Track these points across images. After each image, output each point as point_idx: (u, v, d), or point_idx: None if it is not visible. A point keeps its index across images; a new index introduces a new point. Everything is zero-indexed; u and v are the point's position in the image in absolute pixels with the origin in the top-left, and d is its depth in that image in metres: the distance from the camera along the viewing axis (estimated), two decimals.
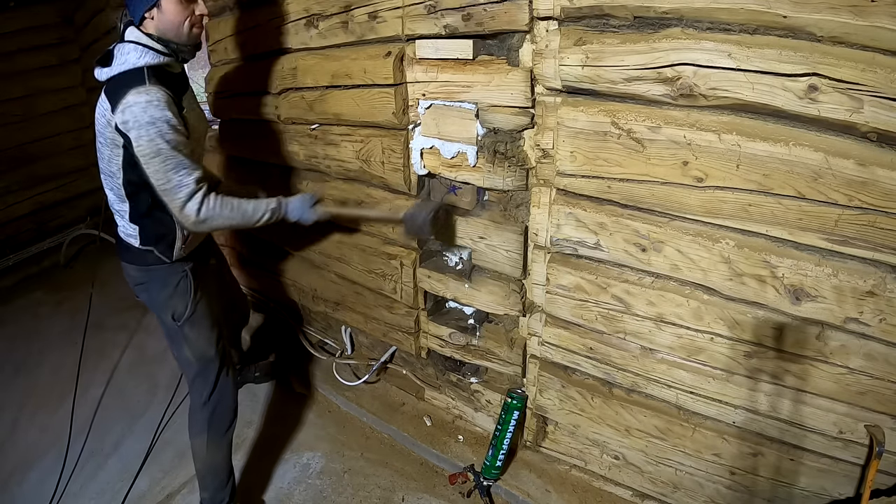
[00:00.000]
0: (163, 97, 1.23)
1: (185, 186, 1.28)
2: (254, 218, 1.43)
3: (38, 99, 4.05)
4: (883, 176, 0.95)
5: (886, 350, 1.06)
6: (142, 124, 1.21)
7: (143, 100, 1.21)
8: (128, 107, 1.21)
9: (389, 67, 1.52)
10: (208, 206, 1.33)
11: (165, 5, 1.27)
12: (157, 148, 1.23)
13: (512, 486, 1.68)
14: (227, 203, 1.37)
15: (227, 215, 1.37)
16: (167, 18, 1.29)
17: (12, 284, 3.63)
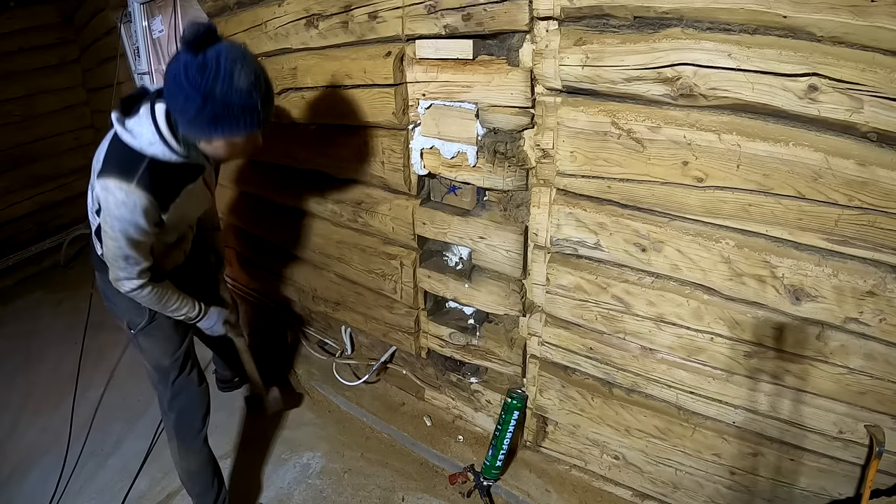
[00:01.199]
0: (142, 204, 1.14)
1: (125, 272, 1.26)
2: (172, 315, 1.43)
3: (38, 99, 4.06)
4: (883, 176, 0.95)
5: (886, 350, 1.06)
6: (110, 213, 1.15)
7: (120, 197, 1.13)
8: (107, 190, 1.14)
9: (389, 67, 1.52)
10: (139, 293, 1.30)
11: (217, 144, 1.15)
12: (115, 236, 1.18)
13: (512, 486, 1.68)
14: (159, 297, 1.34)
15: (152, 304, 1.36)
16: (213, 148, 1.17)
17: (12, 284, 3.63)
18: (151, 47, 3.43)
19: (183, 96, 1.04)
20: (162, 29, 3.22)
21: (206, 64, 1.02)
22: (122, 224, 1.16)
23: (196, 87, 1.02)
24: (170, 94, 1.08)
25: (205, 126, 1.09)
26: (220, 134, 1.11)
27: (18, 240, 4.01)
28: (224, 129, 1.09)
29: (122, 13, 3.37)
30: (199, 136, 1.12)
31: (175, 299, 1.40)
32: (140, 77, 3.50)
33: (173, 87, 1.06)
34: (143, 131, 1.14)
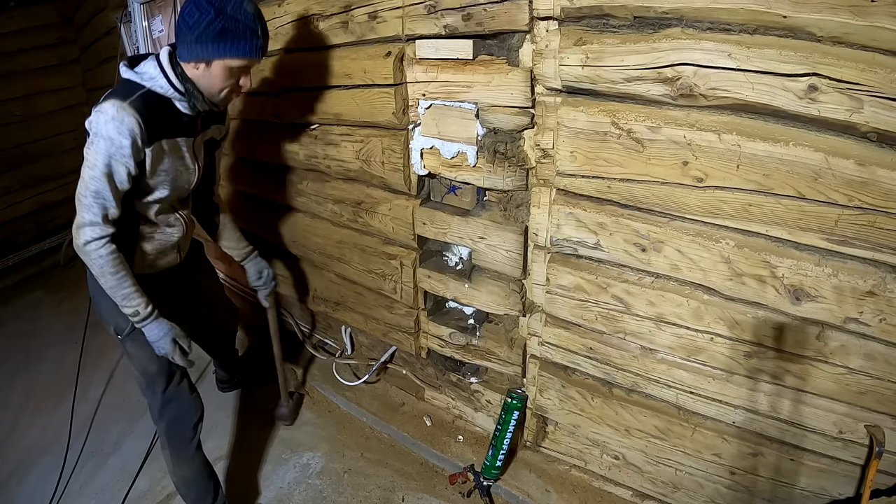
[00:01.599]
0: (129, 123, 1.20)
1: (90, 212, 1.23)
2: (119, 301, 1.33)
3: (38, 99, 4.06)
4: (883, 176, 0.95)
5: (886, 350, 1.06)
6: (98, 132, 1.19)
7: (111, 113, 1.18)
8: (100, 111, 1.19)
9: (389, 67, 1.52)
10: (96, 250, 1.25)
11: (215, 68, 1.25)
12: (94, 161, 1.20)
13: (512, 486, 1.68)
14: (113, 264, 1.28)
15: (103, 270, 1.28)
16: (210, 77, 1.27)
17: (12, 284, 3.64)
18: (151, 47, 3.43)
19: (198, 12, 1.19)
20: (162, 29, 3.22)
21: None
22: (106, 145, 1.19)
23: (211, 3, 1.19)
24: (182, 21, 1.21)
25: (211, 40, 1.20)
26: (223, 51, 1.22)
27: (18, 240, 4.01)
28: (227, 45, 1.22)
29: (122, 13, 3.36)
30: (202, 54, 1.22)
31: (129, 284, 1.32)
32: None
33: (188, 10, 1.20)
34: (146, 68, 1.25)
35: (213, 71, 1.26)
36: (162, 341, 1.39)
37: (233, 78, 1.29)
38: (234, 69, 1.27)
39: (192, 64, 1.26)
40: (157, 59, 1.27)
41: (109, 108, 1.19)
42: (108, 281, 1.30)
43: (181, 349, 1.43)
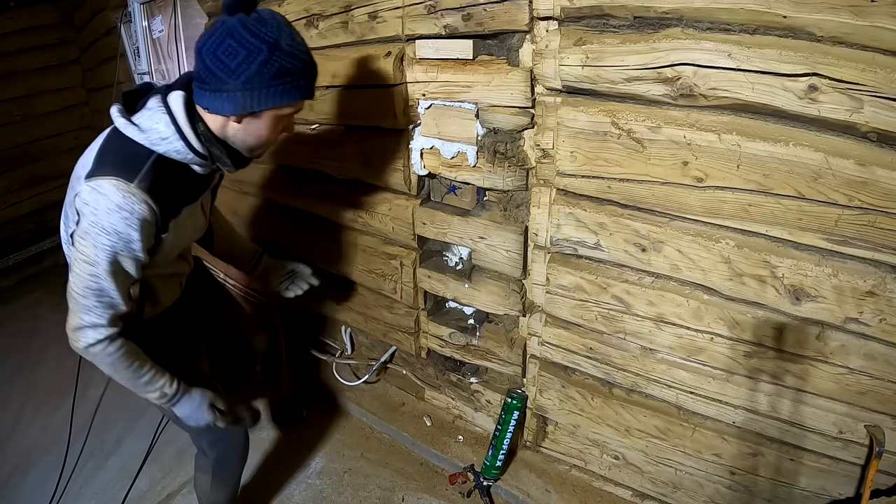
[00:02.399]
0: (140, 212, 0.97)
1: (92, 315, 1.05)
2: (141, 391, 1.15)
3: (38, 99, 4.06)
4: (883, 176, 0.95)
5: (886, 350, 1.06)
6: (97, 222, 0.96)
7: (115, 199, 0.95)
8: (98, 191, 0.95)
9: (389, 67, 1.52)
10: (101, 352, 1.06)
11: (265, 119, 1.00)
12: (94, 257, 0.98)
13: (512, 486, 1.68)
14: (125, 358, 1.09)
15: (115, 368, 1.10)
16: (254, 130, 1.02)
17: (12, 284, 3.64)
18: (151, 47, 3.43)
19: (244, 51, 0.91)
20: (162, 29, 3.22)
21: (264, 19, 0.94)
22: (110, 239, 0.96)
23: (261, 38, 0.91)
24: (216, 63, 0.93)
25: (266, 85, 0.95)
26: (282, 97, 0.98)
27: (18, 240, 4.01)
28: (287, 89, 0.97)
29: (122, 13, 3.37)
30: (251, 104, 0.96)
31: (146, 369, 1.12)
32: (140, 77, 3.50)
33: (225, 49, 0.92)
34: (155, 124, 0.98)
35: (261, 123, 1.01)
36: (197, 414, 1.21)
37: (277, 128, 1.05)
38: (287, 115, 1.04)
39: (230, 118, 0.99)
40: (168, 110, 0.99)
41: (112, 192, 0.94)
42: (122, 376, 1.12)
43: (220, 412, 1.25)
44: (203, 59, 0.95)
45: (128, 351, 1.09)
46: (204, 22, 2.37)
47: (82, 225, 0.98)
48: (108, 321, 1.05)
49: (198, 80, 0.98)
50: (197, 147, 1.01)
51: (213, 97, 0.97)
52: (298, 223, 2.18)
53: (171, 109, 0.99)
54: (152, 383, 1.14)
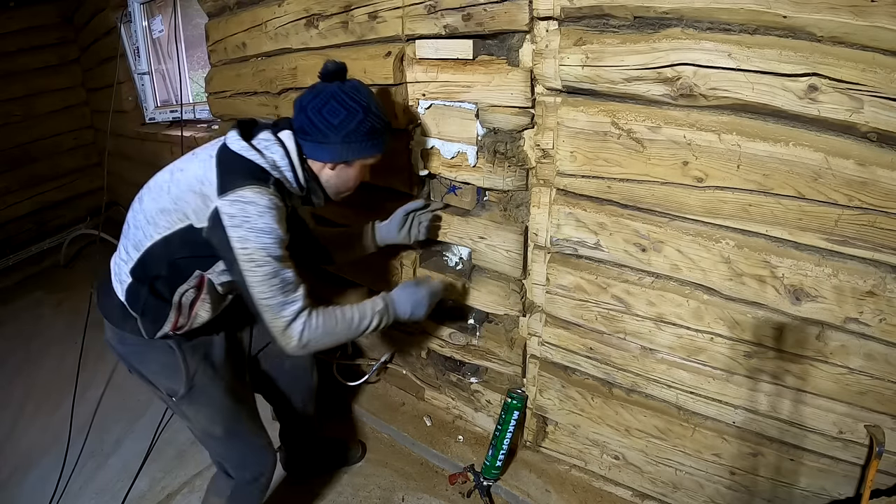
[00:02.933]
0: (280, 209, 1.10)
1: (289, 304, 1.11)
2: (360, 328, 1.23)
3: (38, 99, 4.07)
4: (883, 176, 0.95)
5: (886, 350, 1.06)
6: (253, 228, 1.05)
7: (263, 203, 1.06)
8: (242, 201, 1.05)
9: (389, 67, 1.52)
10: (311, 327, 1.14)
11: (355, 167, 1.22)
12: (261, 258, 1.06)
13: (512, 486, 1.68)
14: (331, 317, 1.19)
15: (330, 331, 1.18)
16: (345, 176, 1.23)
17: (12, 284, 3.64)
18: (151, 47, 3.44)
19: (345, 111, 1.13)
20: (162, 29, 3.22)
21: (358, 87, 1.18)
22: (270, 236, 1.07)
23: (358, 102, 1.15)
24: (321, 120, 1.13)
25: (359, 139, 1.16)
26: (371, 149, 1.20)
27: (18, 240, 4.02)
28: (375, 143, 1.19)
29: (122, 13, 3.37)
30: (348, 154, 1.18)
31: (350, 309, 1.23)
32: (140, 77, 3.51)
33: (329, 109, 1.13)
34: (272, 154, 1.14)
35: (351, 170, 1.23)
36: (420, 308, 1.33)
37: (361, 176, 1.27)
38: (369, 165, 1.25)
39: (327, 164, 1.20)
40: (283, 145, 1.16)
41: (257, 197, 1.06)
42: (340, 332, 1.20)
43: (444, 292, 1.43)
44: (308, 115, 1.15)
45: (328, 314, 1.19)
46: (204, 22, 2.37)
47: (236, 235, 1.06)
48: (301, 298, 1.14)
49: (300, 132, 1.17)
50: (301, 180, 1.19)
51: (314, 146, 1.17)
52: None
53: (284, 144, 1.16)
54: (364, 318, 1.24)
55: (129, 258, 1.17)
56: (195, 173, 1.11)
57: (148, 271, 1.16)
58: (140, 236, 1.15)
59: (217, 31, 2.24)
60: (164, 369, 1.24)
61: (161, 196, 1.13)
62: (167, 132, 3.25)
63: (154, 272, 1.16)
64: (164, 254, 1.14)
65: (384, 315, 1.27)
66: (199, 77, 3.53)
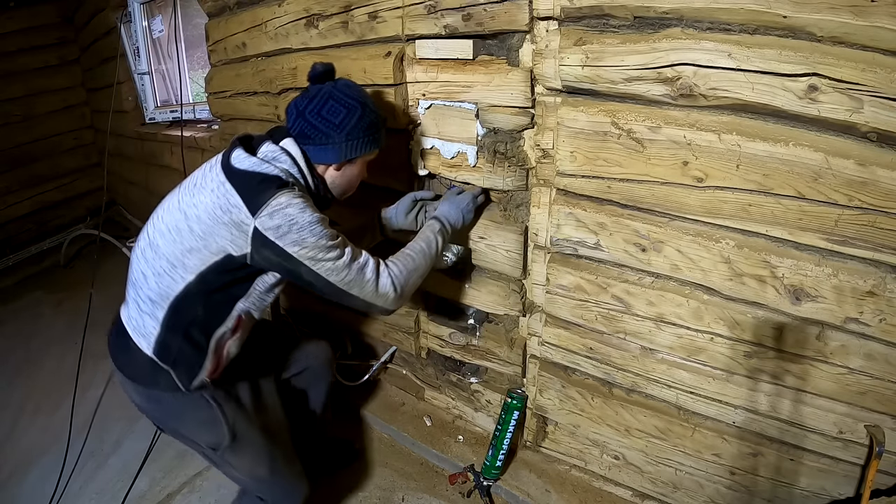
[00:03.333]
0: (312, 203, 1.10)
1: (365, 266, 1.12)
2: (432, 252, 1.28)
3: (38, 99, 4.07)
4: (883, 176, 0.95)
5: (886, 350, 1.06)
6: (303, 226, 1.03)
7: (298, 202, 1.04)
8: (280, 209, 1.02)
9: (389, 67, 1.52)
10: (396, 273, 1.16)
11: (358, 165, 1.23)
12: (325, 247, 1.06)
13: (512, 486, 1.68)
14: (404, 256, 1.22)
15: (413, 268, 1.21)
16: (348, 175, 1.23)
17: (12, 284, 3.64)
18: (151, 47, 3.44)
19: (345, 110, 1.13)
20: (162, 29, 3.22)
21: (350, 85, 1.17)
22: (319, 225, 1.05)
23: (355, 99, 1.15)
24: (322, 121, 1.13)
25: (361, 135, 1.16)
26: (372, 145, 1.20)
27: (18, 240, 4.02)
28: (374, 138, 1.20)
29: (122, 13, 3.37)
30: (351, 152, 1.17)
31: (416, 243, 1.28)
32: (140, 77, 3.51)
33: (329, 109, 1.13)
34: (281, 163, 1.12)
35: (354, 169, 1.23)
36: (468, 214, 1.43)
37: (363, 171, 1.26)
38: (369, 161, 1.26)
39: (332, 165, 1.19)
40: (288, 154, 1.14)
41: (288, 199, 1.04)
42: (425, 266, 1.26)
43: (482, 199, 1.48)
44: (307, 119, 1.14)
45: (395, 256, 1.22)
46: (204, 22, 2.37)
47: (291, 240, 1.04)
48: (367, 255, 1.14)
49: (301, 137, 1.16)
50: (311, 184, 1.19)
51: (317, 150, 1.16)
52: None
53: (290, 153, 1.15)
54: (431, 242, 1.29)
55: (156, 309, 1.12)
56: (214, 203, 1.05)
57: (183, 318, 1.11)
58: (167, 282, 1.09)
59: (217, 31, 2.24)
60: (204, 424, 1.21)
61: (183, 237, 1.07)
62: (167, 132, 3.25)
63: (189, 317, 1.12)
64: (199, 292, 1.10)
65: (444, 232, 1.34)
66: (199, 77, 3.53)
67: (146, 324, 1.13)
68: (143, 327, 1.14)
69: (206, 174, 1.12)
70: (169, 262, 1.09)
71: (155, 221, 1.15)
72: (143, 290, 1.13)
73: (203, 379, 1.17)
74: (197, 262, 1.07)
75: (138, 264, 1.15)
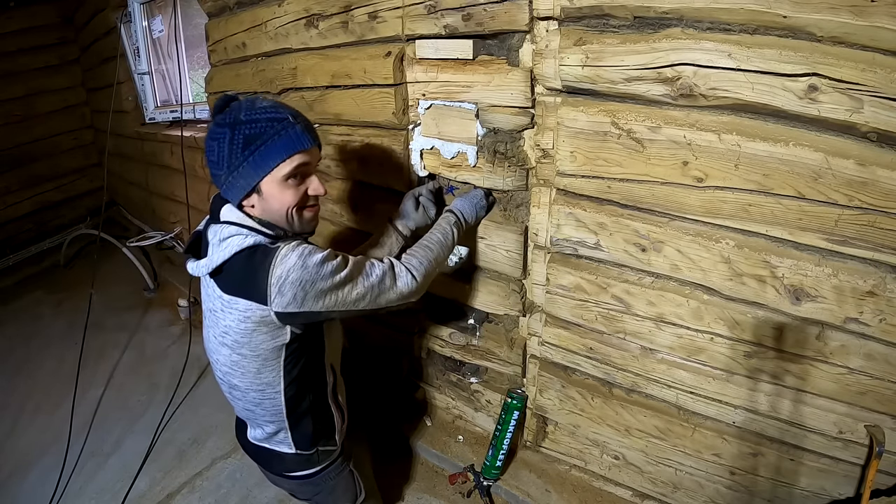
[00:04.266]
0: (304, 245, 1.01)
1: (384, 277, 1.09)
2: (448, 243, 1.28)
3: (38, 99, 4.07)
4: (883, 176, 0.95)
5: (886, 350, 1.06)
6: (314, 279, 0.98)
7: (294, 256, 0.97)
8: (285, 279, 0.96)
9: (389, 67, 1.52)
10: (413, 266, 1.15)
11: (267, 189, 1.02)
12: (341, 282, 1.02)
13: (512, 486, 1.68)
14: (421, 249, 1.21)
15: (430, 258, 1.20)
16: (271, 205, 1.04)
17: (12, 284, 3.64)
18: (151, 47, 3.44)
19: (216, 143, 1.00)
20: (162, 29, 3.22)
21: (230, 109, 1.03)
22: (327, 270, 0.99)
23: (221, 125, 1.00)
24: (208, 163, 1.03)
25: (243, 158, 0.99)
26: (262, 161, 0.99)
27: (18, 240, 4.02)
28: (262, 153, 0.99)
29: (122, 13, 3.37)
30: (244, 183, 1.01)
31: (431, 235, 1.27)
32: (140, 77, 3.51)
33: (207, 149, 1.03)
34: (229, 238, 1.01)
35: (267, 196, 1.03)
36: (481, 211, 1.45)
37: (293, 189, 1.05)
38: (288, 178, 1.02)
39: (246, 204, 1.05)
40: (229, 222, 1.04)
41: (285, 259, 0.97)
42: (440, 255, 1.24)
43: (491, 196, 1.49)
44: (206, 164, 1.05)
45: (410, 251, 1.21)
46: (204, 22, 2.37)
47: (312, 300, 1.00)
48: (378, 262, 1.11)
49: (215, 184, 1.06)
50: (267, 231, 1.04)
51: (225, 193, 1.05)
52: None
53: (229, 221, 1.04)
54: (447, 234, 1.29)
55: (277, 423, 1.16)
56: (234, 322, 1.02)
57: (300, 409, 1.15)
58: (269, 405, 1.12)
59: (217, 31, 2.24)
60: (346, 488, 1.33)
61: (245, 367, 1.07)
62: (167, 132, 3.25)
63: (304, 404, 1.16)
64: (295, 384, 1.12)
65: (459, 224, 1.35)
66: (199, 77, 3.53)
67: (278, 436, 1.18)
68: (276, 438, 1.19)
69: (210, 294, 1.08)
70: (257, 392, 1.11)
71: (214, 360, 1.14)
72: (259, 419, 1.17)
73: (342, 427, 1.25)
74: (272, 373, 1.08)
75: (238, 404, 1.18)
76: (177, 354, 2.59)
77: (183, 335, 2.73)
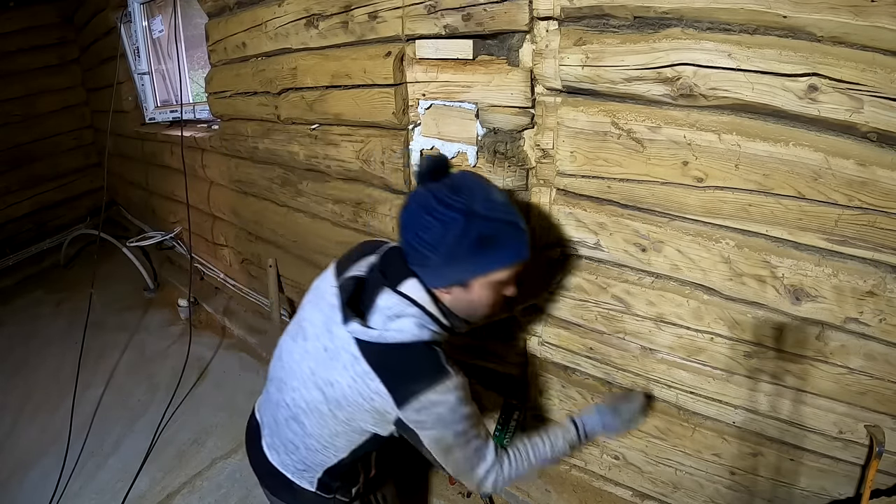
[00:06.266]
0: (467, 387, 0.99)
1: (482, 464, 1.05)
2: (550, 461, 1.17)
3: (38, 99, 4.07)
4: (883, 176, 0.95)
5: (886, 350, 1.06)
6: (447, 425, 0.96)
7: (452, 399, 0.95)
8: (429, 407, 0.94)
9: (389, 67, 1.52)
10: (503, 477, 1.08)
11: (477, 288, 0.97)
12: (459, 441, 0.99)
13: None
14: (521, 460, 1.11)
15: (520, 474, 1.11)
16: (471, 301, 1.00)
17: (12, 284, 3.65)
18: (151, 47, 3.44)
19: (439, 223, 0.91)
20: (162, 29, 3.22)
21: (456, 185, 0.93)
22: (460, 427, 0.98)
23: (453, 208, 0.90)
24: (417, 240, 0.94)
25: (469, 254, 0.92)
26: (488, 265, 0.95)
27: (18, 240, 4.03)
28: (492, 256, 0.95)
29: (122, 13, 3.37)
30: (457, 276, 0.96)
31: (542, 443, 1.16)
32: (140, 77, 3.51)
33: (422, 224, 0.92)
34: (403, 319, 0.96)
35: (473, 293, 0.98)
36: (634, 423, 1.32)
37: (500, 291, 1.01)
38: (503, 281, 0.99)
39: (442, 291, 0.99)
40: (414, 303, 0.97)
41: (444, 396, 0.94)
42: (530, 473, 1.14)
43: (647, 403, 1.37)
44: (405, 236, 0.97)
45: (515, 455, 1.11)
46: (204, 22, 2.37)
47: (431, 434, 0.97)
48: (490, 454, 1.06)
49: (408, 256, 0.99)
50: (444, 323, 1.01)
51: (422, 271, 0.98)
52: (298, 223, 2.18)
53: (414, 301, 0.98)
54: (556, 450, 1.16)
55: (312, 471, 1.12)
56: (352, 388, 0.97)
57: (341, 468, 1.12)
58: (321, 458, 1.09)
59: (217, 31, 2.25)
60: None
61: (327, 421, 1.03)
62: (167, 132, 3.25)
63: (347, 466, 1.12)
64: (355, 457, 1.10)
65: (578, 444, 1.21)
66: (199, 77, 3.53)
67: (304, 477, 1.13)
68: (301, 476, 1.13)
69: (334, 336, 1.00)
70: (319, 443, 1.07)
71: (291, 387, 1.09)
72: (295, 455, 1.11)
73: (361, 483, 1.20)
74: (345, 442, 1.06)
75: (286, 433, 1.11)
76: (177, 354, 2.60)
77: (183, 335, 2.73)
